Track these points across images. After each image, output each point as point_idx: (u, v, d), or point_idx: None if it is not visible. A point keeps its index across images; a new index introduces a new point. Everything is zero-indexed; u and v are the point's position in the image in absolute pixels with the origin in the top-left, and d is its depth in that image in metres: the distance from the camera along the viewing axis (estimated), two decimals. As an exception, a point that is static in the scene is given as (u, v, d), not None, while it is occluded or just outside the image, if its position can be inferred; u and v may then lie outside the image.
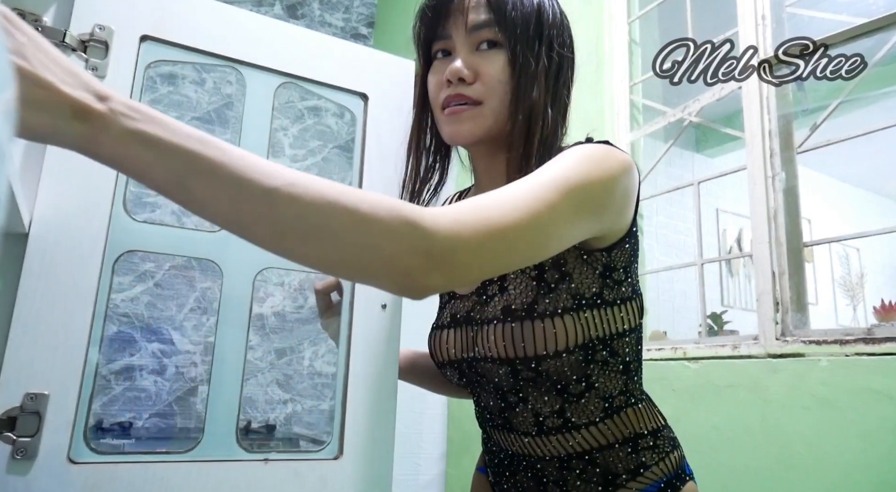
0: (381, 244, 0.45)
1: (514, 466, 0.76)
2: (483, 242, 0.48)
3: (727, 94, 1.56)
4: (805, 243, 1.40)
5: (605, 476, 0.69)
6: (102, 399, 2.37)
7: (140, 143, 0.40)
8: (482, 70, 0.69)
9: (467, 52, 0.70)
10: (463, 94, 0.69)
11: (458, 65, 0.69)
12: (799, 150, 1.41)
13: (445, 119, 0.71)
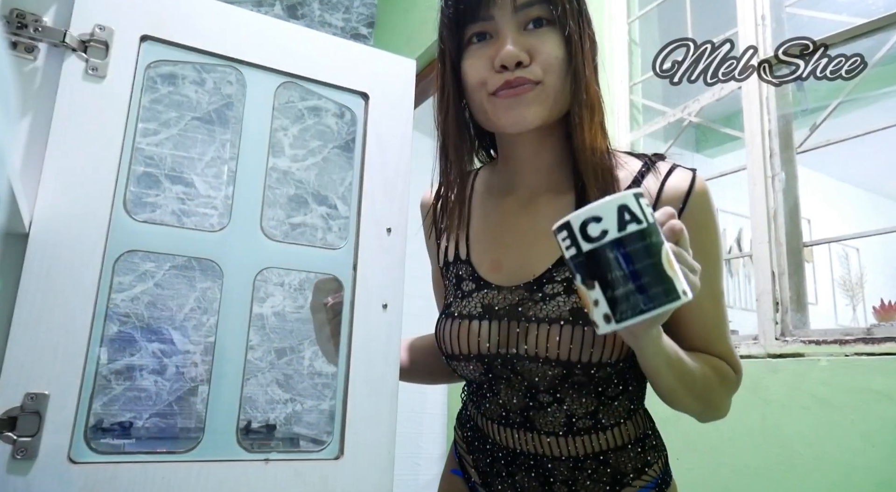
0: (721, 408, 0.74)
1: (514, 466, 0.74)
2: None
3: (727, 95, 1.56)
4: (805, 243, 1.40)
5: (615, 476, 0.70)
6: (103, 399, 2.37)
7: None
8: (537, 49, 0.66)
9: (515, 33, 0.67)
10: (524, 78, 0.66)
11: (512, 48, 0.65)
12: (799, 150, 1.41)
13: (503, 104, 0.67)
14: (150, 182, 2.64)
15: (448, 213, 0.79)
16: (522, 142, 0.74)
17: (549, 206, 0.73)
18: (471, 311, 0.74)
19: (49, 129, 0.70)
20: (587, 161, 0.68)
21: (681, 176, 0.69)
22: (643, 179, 0.70)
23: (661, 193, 0.68)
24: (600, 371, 0.66)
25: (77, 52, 0.72)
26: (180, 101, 2.76)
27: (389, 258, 0.91)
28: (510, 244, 0.75)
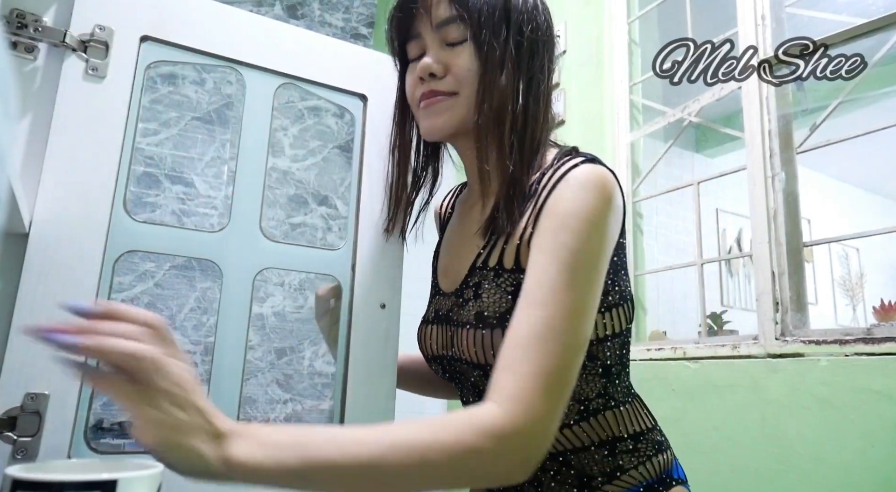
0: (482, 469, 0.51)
1: None
2: (554, 401, 0.53)
3: (727, 95, 1.56)
4: (805, 243, 1.40)
5: (580, 478, 0.68)
6: (103, 399, 2.37)
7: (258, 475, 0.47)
8: (452, 62, 0.70)
9: (437, 48, 0.71)
10: (435, 89, 0.70)
11: (427, 60, 0.70)
12: (799, 150, 1.41)
13: (422, 113, 0.72)
14: (150, 182, 2.64)
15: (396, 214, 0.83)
16: (460, 150, 0.78)
17: (479, 212, 0.75)
18: (428, 316, 0.79)
19: (49, 129, 0.70)
20: (482, 172, 0.70)
21: (566, 165, 0.64)
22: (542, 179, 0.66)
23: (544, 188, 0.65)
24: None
25: (77, 53, 0.72)
26: (180, 101, 2.76)
27: (388, 259, 0.91)
28: (453, 251, 0.79)
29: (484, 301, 0.68)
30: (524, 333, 0.55)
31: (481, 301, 0.68)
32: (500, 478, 0.53)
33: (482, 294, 0.69)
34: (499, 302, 0.67)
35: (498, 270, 0.68)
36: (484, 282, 0.69)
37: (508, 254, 0.67)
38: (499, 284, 0.67)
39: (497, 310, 0.66)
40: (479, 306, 0.68)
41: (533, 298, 0.57)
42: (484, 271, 0.69)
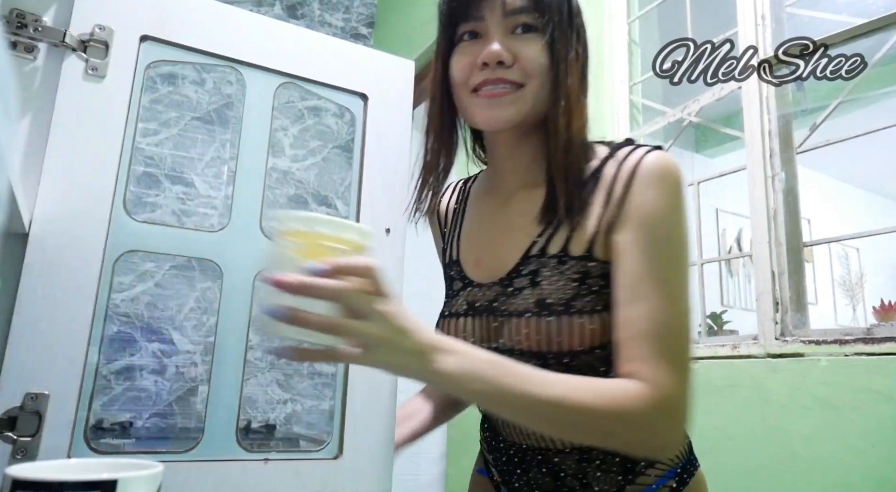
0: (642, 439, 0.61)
1: (526, 462, 0.74)
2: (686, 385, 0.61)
3: (727, 95, 1.56)
4: (805, 243, 1.40)
5: (624, 465, 0.69)
6: (102, 399, 2.37)
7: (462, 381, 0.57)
8: (521, 53, 0.68)
9: (503, 35, 0.69)
10: (504, 78, 0.68)
11: (497, 47, 0.68)
12: (798, 150, 1.41)
13: (481, 102, 0.70)
14: (150, 182, 2.63)
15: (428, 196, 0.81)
16: (502, 141, 0.76)
17: (523, 201, 0.74)
18: (458, 309, 0.76)
19: (49, 129, 0.70)
20: (559, 163, 0.69)
21: (636, 153, 0.68)
22: (602, 168, 0.70)
23: (617, 173, 0.68)
24: (575, 360, 0.66)
25: (77, 52, 0.72)
26: (180, 101, 2.76)
27: (389, 258, 0.91)
28: (488, 242, 0.77)
29: (545, 289, 0.68)
30: (646, 326, 0.61)
31: (541, 289, 0.68)
32: (639, 447, 0.62)
33: (541, 282, 0.68)
34: (563, 289, 0.67)
35: (562, 257, 0.68)
36: (543, 269, 0.69)
37: (577, 242, 0.68)
38: (562, 272, 0.68)
39: (562, 297, 0.67)
40: (539, 294, 0.68)
41: (642, 292, 0.62)
42: (543, 259, 0.69)
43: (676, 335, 0.61)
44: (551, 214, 0.69)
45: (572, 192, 0.69)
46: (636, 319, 0.61)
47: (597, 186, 0.69)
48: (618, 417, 0.58)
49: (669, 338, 0.61)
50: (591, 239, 0.67)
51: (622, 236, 0.65)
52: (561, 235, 0.69)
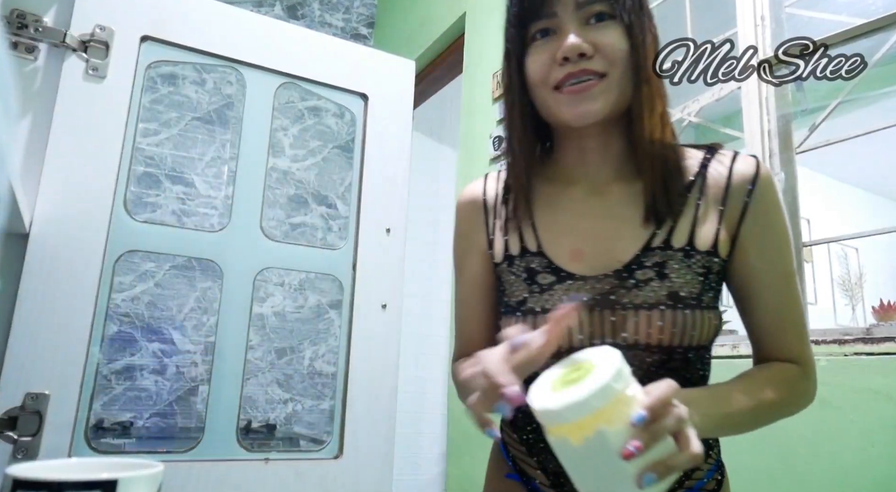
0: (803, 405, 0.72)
1: None
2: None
3: (727, 95, 1.56)
4: (804, 243, 1.40)
5: None
6: (103, 399, 2.38)
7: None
8: (601, 42, 0.68)
9: (579, 26, 0.69)
10: (587, 69, 0.67)
11: (576, 40, 0.67)
12: (798, 150, 1.41)
13: (566, 99, 0.69)
14: (150, 182, 2.64)
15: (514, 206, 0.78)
16: (589, 134, 0.74)
17: (621, 193, 0.74)
18: (556, 304, 0.71)
19: (49, 129, 0.70)
20: (646, 152, 0.70)
21: (746, 161, 0.72)
22: (709, 166, 0.73)
23: (730, 177, 0.71)
24: (694, 354, 0.69)
25: (77, 53, 0.72)
26: (180, 101, 2.76)
27: (389, 258, 0.91)
28: (587, 233, 0.73)
29: (674, 281, 0.68)
30: (791, 316, 0.71)
31: (671, 281, 0.68)
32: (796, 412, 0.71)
33: (669, 274, 0.68)
34: (691, 283, 0.68)
35: (688, 250, 0.69)
36: (670, 261, 0.68)
37: (702, 236, 0.69)
38: (689, 266, 0.69)
39: (692, 291, 0.68)
40: (669, 286, 0.68)
41: (785, 290, 0.70)
42: (669, 251, 0.69)
43: (805, 321, 0.73)
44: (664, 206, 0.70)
45: (676, 185, 0.70)
46: (785, 311, 0.71)
47: (705, 183, 0.71)
48: (795, 397, 0.70)
49: (804, 324, 0.72)
50: (715, 235, 0.69)
51: (754, 239, 0.70)
52: (683, 228, 0.70)
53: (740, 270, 0.71)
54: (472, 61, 2.35)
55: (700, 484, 0.72)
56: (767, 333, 0.72)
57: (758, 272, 0.71)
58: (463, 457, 2.14)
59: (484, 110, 2.21)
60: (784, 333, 0.71)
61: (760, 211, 0.70)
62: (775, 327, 0.71)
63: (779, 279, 0.71)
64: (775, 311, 0.71)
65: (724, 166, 0.72)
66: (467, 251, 0.83)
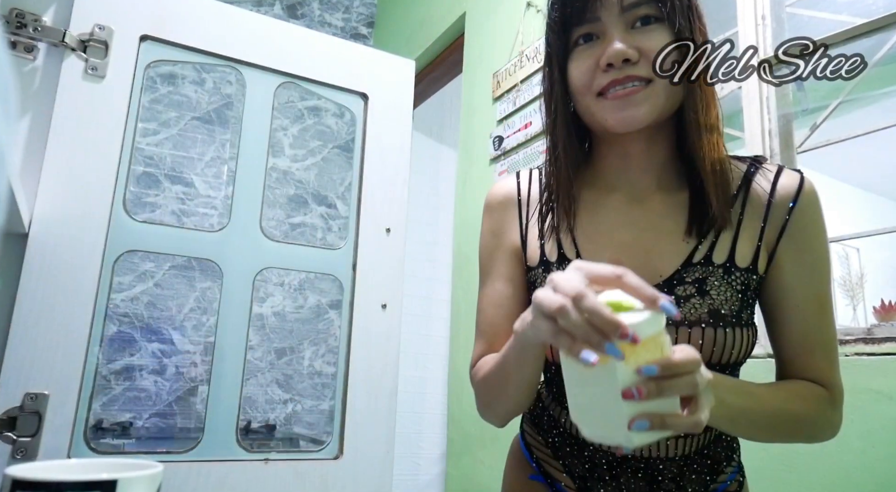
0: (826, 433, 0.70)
1: (619, 469, 0.71)
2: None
3: (727, 94, 1.56)
4: (805, 243, 1.40)
5: (713, 466, 0.72)
6: (102, 399, 2.37)
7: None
8: (647, 46, 0.66)
9: (623, 31, 0.66)
10: (632, 75, 0.65)
11: (620, 46, 0.65)
12: (799, 150, 1.41)
13: (611, 105, 0.67)
14: (149, 182, 2.63)
15: (558, 211, 0.75)
16: (633, 140, 0.72)
17: (664, 204, 0.72)
18: None
19: (49, 129, 0.70)
20: (704, 158, 0.68)
21: (790, 176, 0.71)
22: (752, 180, 0.71)
23: (773, 193, 0.70)
24: (732, 372, 0.69)
25: (77, 52, 0.72)
26: (180, 101, 2.76)
27: (389, 258, 0.91)
28: (628, 244, 0.72)
29: (714, 298, 0.67)
30: (822, 338, 0.69)
31: (711, 298, 0.67)
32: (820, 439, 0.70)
33: (710, 291, 0.67)
34: (731, 300, 0.67)
35: (729, 267, 0.68)
36: (711, 278, 0.67)
37: (742, 252, 0.68)
38: (730, 283, 0.67)
39: (732, 308, 0.67)
40: (710, 304, 0.66)
41: (819, 312, 0.69)
42: (710, 267, 0.67)
43: (836, 345, 0.70)
44: (707, 220, 0.68)
45: (725, 198, 0.68)
46: (816, 333, 0.69)
47: (747, 197, 0.70)
48: (819, 420, 0.67)
49: (835, 348, 0.70)
50: (755, 252, 0.68)
51: (791, 257, 0.69)
52: (724, 243, 0.68)
53: (774, 288, 0.70)
54: (472, 61, 2.35)
55: (723, 486, 0.72)
56: (796, 354, 0.70)
57: (791, 292, 0.69)
58: (463, 457, 2.14)
59: (484, 110, 2.21)
60: (813, 355, 0.69)
61: (799, 229, 0.69)
62: (804, 349, 0.69)
63: (812, 301, 0.69)
64: (806, 332, 0.69)
65: (768, 181, 0.71)
66: (498, 249, 0.80)
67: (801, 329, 0.69)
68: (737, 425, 0.63)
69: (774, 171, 0.72)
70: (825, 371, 0.69)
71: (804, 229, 0.70)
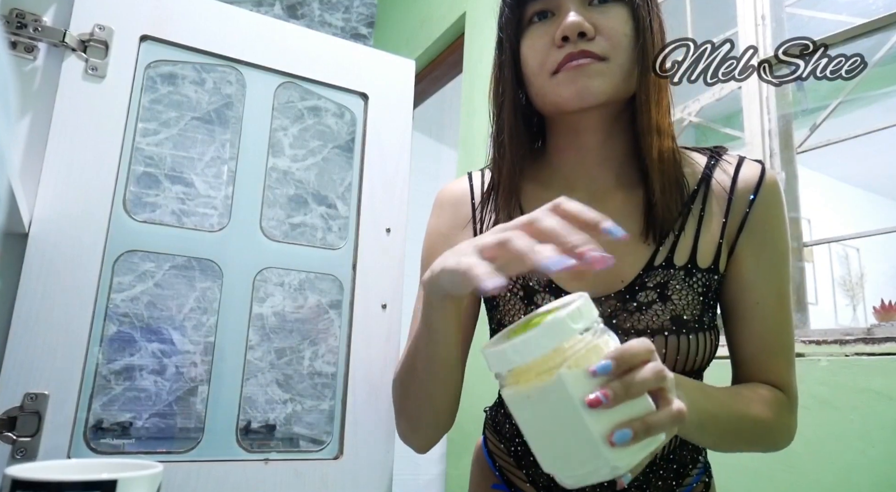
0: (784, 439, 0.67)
1: None
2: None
3: (727, 94, 1.56)
4: (805, 243, 1.40)
5: (679, 470, 0.69)
6: (102, 399, 2.37)
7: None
8: (603, 24, 0.62)
9: (579, 6, 0.63)
10: (587, 51, 0.62)
11: (576, 18, 0.61)
12: (799, 150, 1.41)
13: (564, 78, 0.63)
14: (149, 182, 2.63)
15: (506, 211, 0.70)
16: (590, 131, 0.69)
17: (624, 202, 0.68)
18: None
19: (49, 129, 0.70)
20: (652, 146, 0.64)
21: (751, 167, 0.68)
22: (712, 173, 0.68)
23: (734, 185, 0.67)
24: (693, 377, 0.65)
25: (77, 52, 0.72)
26: (180, 101, 2.76)
27: (389, 258, 0.91)
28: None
29: (676, 304, 0.63)
30: (779, 340, 0.66)
31: (673, 304, 0.63)
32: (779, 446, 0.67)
33: (671, 295, 0.63)
34: (692, 304, 0.64)
35: (690, 269, 0.64)
36: (672, 282, 0.64)
37: (704, 252, 0.65)
38: (691, 285, 0.64)
39: (694, 313, 0.63)
40: (672, 310, 0.63)
41: (778, 309, 0.66)
42: (671, 270, 0.64)
43: (794, 346, 0.68)
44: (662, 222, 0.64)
45: (672, 192, 0.65)
46: (776, 333, 0.66)
47: (708, 192, 0.67)
48: (779, 426, 0.64)
49: (793, 349, 0.67)
50: (716, 251, 0.65)
51: (750, 252, 0.66)
52: (685, 243, 0.65)
53: (733, 284, 0.67)
54: (472, 61, 2.35)
55: (688, 489, 0.70)
56: (754, 354, 0.67)
57: (751, 288, 0.66)
58: (463, 457, 2.14)
59: (484, 110, 2.21)
60: (772, 357, 0.66)
61: (760, 222, 0.66)
62: (763, 349, 0.66)
63: (772, 299, 0.66)
64: (765, 331, 0.66)
65: (728, 174, 0.68)
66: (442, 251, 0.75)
67: (761, 327, 0.66)
68: (705, 430, 0.58)
69: (735, 162, 0.69)
70: (783, 373, 0.66)
71: (765, 222, 0.67)
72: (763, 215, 0.67)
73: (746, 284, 0.66)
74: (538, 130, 0.76)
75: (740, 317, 0.67)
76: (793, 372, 0.67)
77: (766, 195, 0.67)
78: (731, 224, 0.66)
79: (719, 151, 0.71)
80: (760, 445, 0.65)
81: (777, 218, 0.68)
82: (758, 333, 0.66)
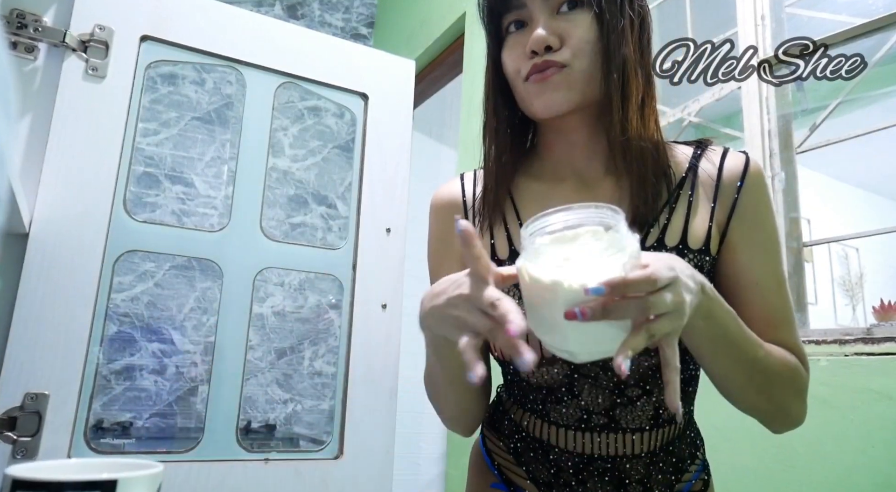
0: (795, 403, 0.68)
1: (586, 472, 0.69)
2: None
3: (726, 94, 1.56)
4: (804, 243, 1.40)
5: (677, 464, 0.70)
6: (102, 399, 2.37)
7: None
8: (568, 33, 0.66)
9: (547, 17, 0.66)
10: (550, 61, 0.65)
11: (541, 32, 0.65)
12: (798, 150, 1.41)
13: (533, 89, 0.67)
14: (150, 182, 2.64)
15: (497, 204, 0.74)
16: (575, 129, 0.72)
17: (614, 188, 0.71)
18: None
19: (49, 129, 0.70)
20: (617, 144, 0.67)
21: (736, 157, 0.72)
22: (698, 163, 0.71)
23: (721, 174, 0.70)
24: (688, 357, 0.68)
25: (77, 52, 0.72)
26: (180, 101, 2.76)
27: (389, 258, 0.91)
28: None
29: None
30: (786, 315, 0.69)
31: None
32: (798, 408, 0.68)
33: None
34: None
35: (682, 249, 0.67)
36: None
37: (695, 234, 0.67)
38: (688, 259, 0.66)
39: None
40: None
41: (777, 285, 0.69)
42: (662, 250, 0.66)
43: (795, 320, 0.71)
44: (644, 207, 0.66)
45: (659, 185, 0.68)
46: (780, 310, 0.69)
47: (696, 179, 0.70)
48: (797, 383, 0.66)
49: (795, 322, 0.70)
50: (707, 233, 0.68)
51: (743, 235, 0.69)
52: (676, 226, 0.68)
53: (730, 268, 0.70)
54: (472, 61, 2.35)
55: (688, 486, 0.71)
56: (761, 332, 0.68)
57: (749, 270, 0.69)
58: (463, 457, 2.14)
59: (484, 110, 2.21)
60: (776, 329, 0.68)
61: (749, 208, 0.69)
62: (769, 326, 0.68)
63: (768, 278, 0.69)
64: (768, 309, 0.69)
65: (714, 163, 0.71)
66: (445, 257, 0.78)
67: (763, 307, 0.68)
68: (716, 347, 0.59)
69: (720, 152, 0.72)
70: (791, 342, 0.68)
71: (754, 208, 0.70)
72: (752, 200, 0.70)
73: (744, 266, 0.69)
74: (528, 127, 0.79)
75: (743, 299, 0.69)
76: (799, 340, 0.69)
77: (752, 182, 0.70)
78: (720, 210, 0.69)
79: (704, 143, 0.74)
80: (768, 398, 0.66)
81: (764, 203, 0.71)
82: (762, 312, 0.69)
